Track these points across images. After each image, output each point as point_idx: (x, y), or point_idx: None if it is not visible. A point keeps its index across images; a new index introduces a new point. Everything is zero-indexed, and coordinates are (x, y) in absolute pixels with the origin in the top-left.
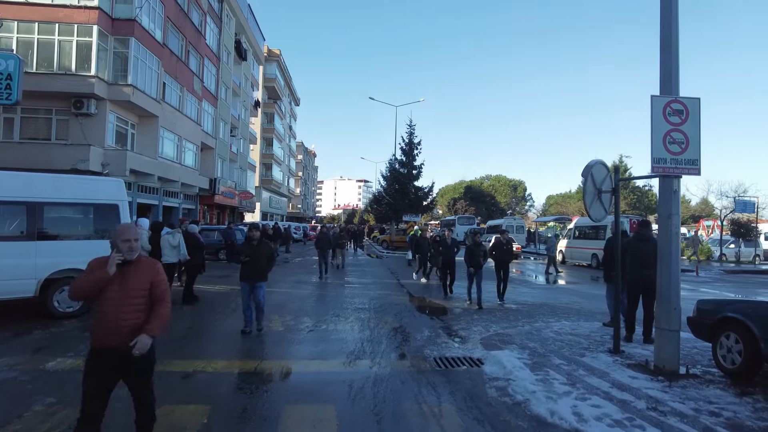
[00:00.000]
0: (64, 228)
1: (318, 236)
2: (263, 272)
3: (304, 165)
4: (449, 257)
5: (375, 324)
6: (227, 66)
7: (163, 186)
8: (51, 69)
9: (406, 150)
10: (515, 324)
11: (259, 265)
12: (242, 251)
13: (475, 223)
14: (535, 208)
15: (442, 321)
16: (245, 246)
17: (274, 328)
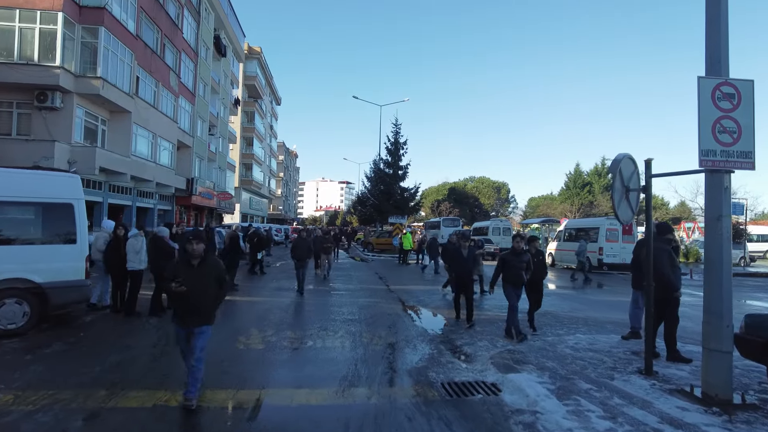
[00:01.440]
0: (7, 230)
1: (295, 242)
2: (208, 310)
3: (285, 166)
4: (464, 271)
5: (368, 339)
6: (206, 62)
7: (136, 186)
8: (11, 59)
9: (391, 150)
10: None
11: (201, 298)
12: (174, 274)
13: (460, 224)
14: (518, 210)
15: (442, 334)
16: (180, 267)
17: (253, 346)
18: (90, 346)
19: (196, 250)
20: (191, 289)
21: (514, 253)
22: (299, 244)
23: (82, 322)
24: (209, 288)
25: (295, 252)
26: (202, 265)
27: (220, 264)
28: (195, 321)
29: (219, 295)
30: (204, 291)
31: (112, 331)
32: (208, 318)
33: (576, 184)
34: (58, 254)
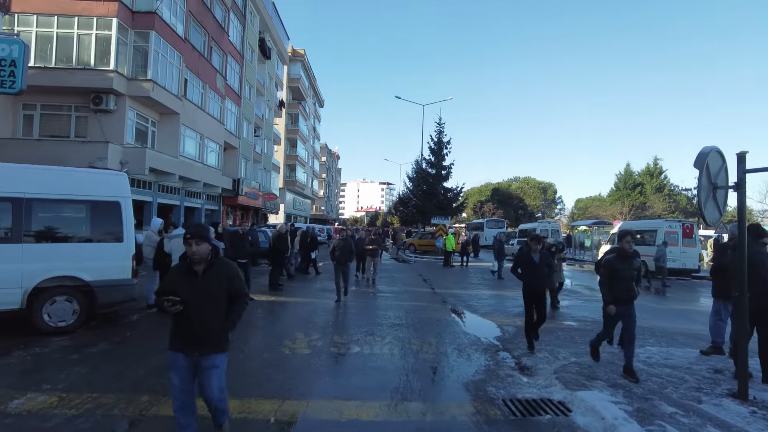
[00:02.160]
0: (57, 228)
1: (337, 244)
2: (218, 333)
3: (327, 167)
4: (533, 280)
5: (418, 346)
6: (251, 64)
7: (184, 186)
8: (70, 64)
9: (434, 149)
10: (587, 348)
11: (208, 316)
12: (168, 287)
13: (504, 226)
14: (565, 212)
15: (497, 343)
16: (178, 275)
17: (299, 351)
18: (134, 347)
19: (197, 252)
20: (194, 305)
21: (622, 257)
22: (340, 246)
23: (129, 321)
24: (219, 302)
25: (335, 253)
26: (209, 273)
27: (233, 269)
28: (203, 347)
29: (234, 311)
30: (212, 307)
31: (157, 332)
32: (219, 344)
33: (626, 184)
34: (106, 252)
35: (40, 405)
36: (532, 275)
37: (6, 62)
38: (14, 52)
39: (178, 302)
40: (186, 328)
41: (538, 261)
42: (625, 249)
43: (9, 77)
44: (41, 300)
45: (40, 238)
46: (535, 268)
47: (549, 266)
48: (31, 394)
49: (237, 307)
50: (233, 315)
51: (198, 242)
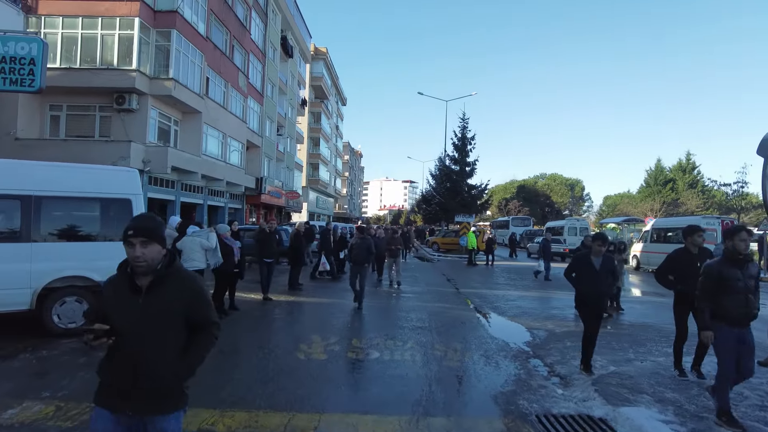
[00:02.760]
0: (67, 227)
1: (354, 243)
2: (170, 379)
3: (350, 165)
4: (592, 290)
5: (441, 352)
6: (273, 63)
7: (207, 185)
8: (94, 64)
9: (458, 145)
10: (625, 355)
11: (154, 353)
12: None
13: (530, 224)
14: (593, 209)
15: (527, 349)
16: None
17: (314, 356)
18: None
19: (142, 258)
20: (130, 336)
21: (733, 261)
22: (357, 244)
23: None
24: (171, 333)
25: (352, 253)
26: (158, 289)
27: (195, 285)
28: (145, 404)
29: (195, 348)
30: (158, 339)
31: None
32: (168, 398)
33: (657, 180)
34: (117, 252)
35: (35, 415)
36: (590, 284)
37: (25, 60)
38: (33, 51)
39: (104, 333)
40: (118, 371)
41: (598, 267)
42: (736, 249)
43: (28, 75)
44: (51, 300)
45: (50, 237)
46: (595, 275)
47: (612, 273)
48: (27, 403)
49: (200, 341)
50: (193, 354)
51: (144, 242)
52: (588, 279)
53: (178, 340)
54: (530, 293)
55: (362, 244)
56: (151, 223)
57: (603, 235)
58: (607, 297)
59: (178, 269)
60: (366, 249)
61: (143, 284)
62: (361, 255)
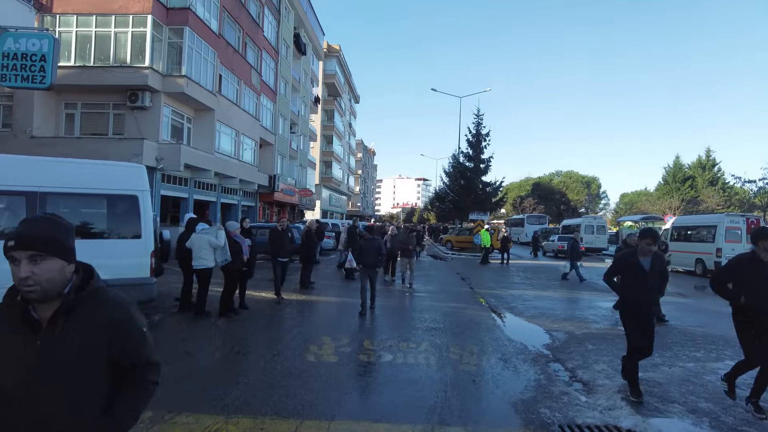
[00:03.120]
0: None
1: (363, 244)
2: None
3: (363, 163)
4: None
5: (457, 355)
6: (286, 60)
7: (221, 182)
8: (107, 62)
9: (472, 142)
10: (651, 359)
11: (53, 418)
12: None
13: (546, 222)
14: (609, 207)
15: (547, 352)
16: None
17: (325, 358)
18: None
19: (32, 279)
20: (20, 391)
21: None
22: (367, 246)
23: (149, 322)
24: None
25: (362, 256)
26: (65, 323)
27: (122, 310)
28: None
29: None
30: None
31: (175, 335)
32: None
33: (676, 178)
34: (122, 250)
35: None
36: (639, 288)
37: (36, 57)
38: (44, 47)
39: None
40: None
41: (648, 269)
42: None
43: (39, 72)
44: None
45: None
46: (644, 277)
47: (663, 276)
48: None
49: (130, 393)
50: (124, 406)
51: (35, 258)
52: (636, 283)
53: (96, 393)
54: (547, 293)
55: (372, 245)
56: (45, 229)
57: (652, 231)
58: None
59: (97, 292)
60: (376, 251)
61: (43, 317)
62: (371, 258)
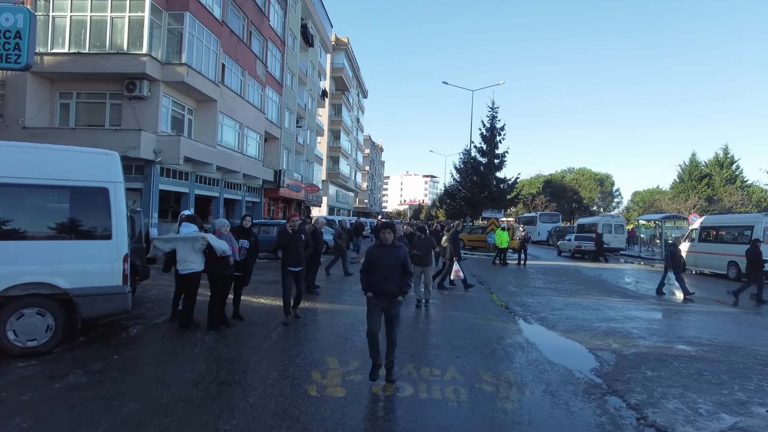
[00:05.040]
0: (26, 222)
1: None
2: None
3: (371, 159)
4: None
5: (492, 386)
6: (293, 52)
7: (223, 177)
8: (103, 49)
9: (486, 136)
10: (733, 395)
11: None
12: None
13: (559, 220)
14: (622, 205)
15: (598, 379)
16: None
17: (329, 392)
18: (115, 379)
19: None
20: None
21: None
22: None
23: (125, 335)
24: None
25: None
26: None
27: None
28: None
29: None
30: None
31: (153, 354)
32: None
33: (692, 176)
34: (90, 252)
35: None
36: None
37: (11, 33)
38: (19, 22)
39: None
40: None
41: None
42: None
43: (14, 51)
44: (5, 313)
45: (5, 235)
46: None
47: None
48: None
49: None
50: None
51: None
52: None
53: None
54: (576, 299)
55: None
56: None
57: None
58: None
59: None
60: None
61: None
62: None
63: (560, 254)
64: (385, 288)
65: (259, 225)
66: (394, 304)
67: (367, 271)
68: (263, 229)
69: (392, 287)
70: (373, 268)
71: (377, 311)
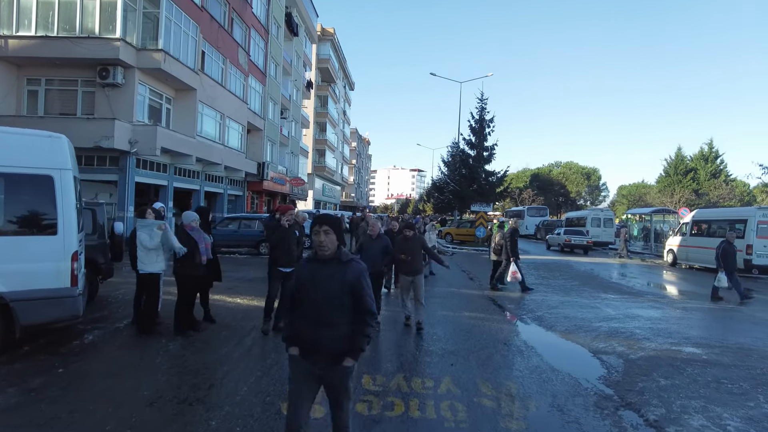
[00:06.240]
0: None
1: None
2: None
3: (357, 153)
4: None
5: (493, 400)
6: (277, 41)
7: (204, 169)
8: (74, 32)
9: (475, 128)
10: (761, 407)
11: None
12: None
13: (546, 214)
14: (608, 199)
15: (608, 389)
16: None
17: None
18: (53, 398)
19: None
20: None
21: None
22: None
23: (78, 343)
24: None
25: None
26: None
27: None
28: None
29: None
30: None
31: (107, 365)
32: None
33: (677, 170)
34: (31, 250)
35: None
36: None
37: None
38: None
39: None
40: None
41: None
42: None
43: None
44: None
45: None
46: None
47: None
48: None
49: None
50: None
51: None
52: None
53: None
54: (571, 297)
55: (374, 249)
56: None
57: None
58: None
59: None
60: (380, 251)
61: None
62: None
63: (549, 248)
64: (321, 340)
65: (240, 219)
66: (338, 371)
67: (290, 306)
68: (244, 223)
69: (333, 339)
70: (299, 300)
71: (306, 385)
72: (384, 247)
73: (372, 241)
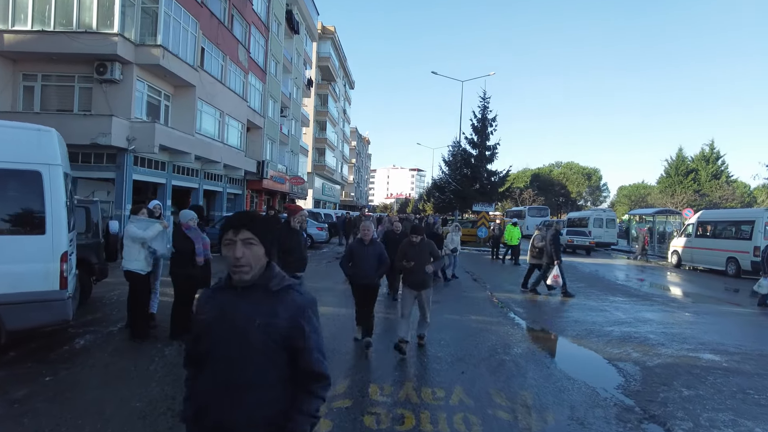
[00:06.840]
0: None
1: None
2: None
3: (357, 152)
4: None
5: (508, 413)
6: (277, 38)
7: (203, 167)
8: (71, 27)
9: (477, 127)
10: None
11: None
12: None
13: (547, 214)
14: (609, 200)
15: (628, 400)
16: None
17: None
18: (38, 411)
19: None
20: None
21: None
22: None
23: (69, 348)
24: None
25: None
26: None
27: None
28: None
29: None
30: None
31: (98, 373)
32: None
33: (678, 171)
34: (16, 250)
35: None
36: None
37: None
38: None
39: None
40: None
41: None
42: None
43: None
44: None
45: None
46: None
47: None
48: None
49: None
50: None
51: None
52: None
53: None
54: (579, 299)
55: (367, 254)
56: None
57: None
58: None
59: None
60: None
61: None
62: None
63: None
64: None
65: None
66: None
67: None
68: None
69: (251, 424)
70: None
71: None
72: (378, 254)
73: (364, 247)
